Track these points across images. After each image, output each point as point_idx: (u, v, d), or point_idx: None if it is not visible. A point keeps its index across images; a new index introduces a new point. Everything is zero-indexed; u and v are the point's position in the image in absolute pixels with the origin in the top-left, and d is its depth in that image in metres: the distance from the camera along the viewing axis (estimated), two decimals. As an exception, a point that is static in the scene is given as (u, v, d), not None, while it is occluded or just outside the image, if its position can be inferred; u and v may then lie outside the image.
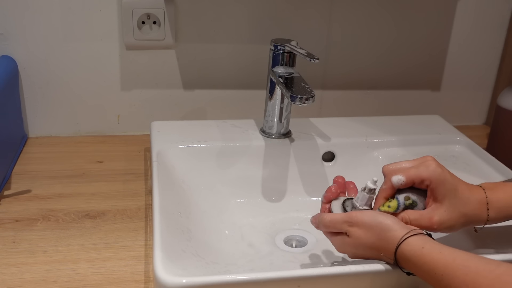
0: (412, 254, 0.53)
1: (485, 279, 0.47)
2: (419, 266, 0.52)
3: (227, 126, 0.90)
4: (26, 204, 0.80)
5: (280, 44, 0.82)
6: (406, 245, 0.54)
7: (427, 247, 0.52)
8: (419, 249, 0.52)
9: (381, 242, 0.56)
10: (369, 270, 0.57)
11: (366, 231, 0.57)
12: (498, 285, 0.46)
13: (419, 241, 0.53)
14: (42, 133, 1.01)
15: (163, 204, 0.69)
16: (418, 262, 0.52)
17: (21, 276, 0.65)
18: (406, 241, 0.54)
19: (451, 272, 0.49)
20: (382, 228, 0.56)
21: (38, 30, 0.92)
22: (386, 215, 0.58)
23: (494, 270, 0.48)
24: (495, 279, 0.47)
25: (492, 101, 1.15)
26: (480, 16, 1.07)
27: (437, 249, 0.52)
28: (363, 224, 0.58)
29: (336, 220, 0.60)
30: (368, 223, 0.57)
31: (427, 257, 0.51)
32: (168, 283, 0.53)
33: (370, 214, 0.58)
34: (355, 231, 0.58)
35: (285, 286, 0.56)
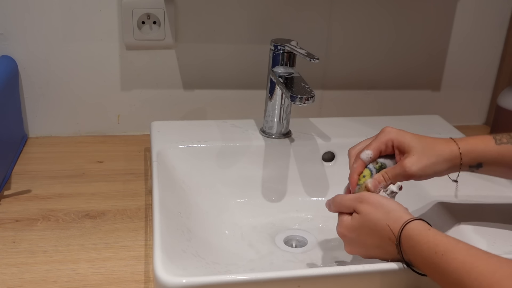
0: (417, 233, 0.54)
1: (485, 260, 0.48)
2: (422, 244, 0.53)
3: (227, 126, 0.90)
4: (26, 204, 0.80)
5: (280, 44, 0.82)
6: (412, 224, 0.55)
7: (433, 230, 0.54)
8: (425, 230, 0.54)
9: (388, 220, 0.57)
10: (369, 270, 0.57)
11: (375, 208, 0.59)
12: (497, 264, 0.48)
13: (426, 224, 0.55)
14: (42, 133, 1.01)
15: (163, 204, 0.69)
16: (421, 241, 0.53)
17: (21, 276, 0.65)
18: (413, 222, 0.55)
19: (452, 251, 0.50)
20: (392, 209, 0.58)
21: (38, 30, 0.92)
22: (395, 202, 0.60)
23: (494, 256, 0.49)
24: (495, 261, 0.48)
25: (492, 101, 1.15)
26: (480, 16, 1.07)
27: (442, 233, 0.53)
28: (373, 202, 0.60)
29: (347, 197, 0.63)
30: (378, 201, 0.60)
31: (431, 237, 0.53)
32: (168, 283, 0.53)
33: (380, 196, 0.61)
34: (364, 207, 0.60)
35: (285, 286, 0.56)
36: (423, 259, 0.53)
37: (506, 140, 0.64)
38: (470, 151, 0.64)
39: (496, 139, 0.64)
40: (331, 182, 0.86)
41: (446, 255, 0.50)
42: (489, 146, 0.64)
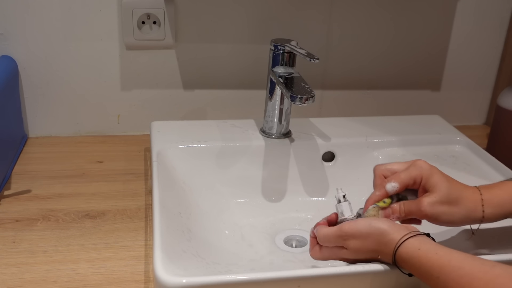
0: (410, 256, 0.53)
1: (479, 281, 0.47)
2: (417, 267, 0.52)
3: (227, 126, 0.90)
4: (26, 204, 0.80)
5: (280, 44, 0.82)
6: (403, 247, 0.54)
7: (423, 249, 0.52)
8: (415, 251, 0.53)
9: (380, 247, 0.56)
10: (369, 270, 0.57)
11: (364, 240, 0.57)
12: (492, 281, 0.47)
13: (416, 242, 0.53)
14: (42, 133, 1.01)
15: (163, 204, 0.68)
16: (415, 264, 0.53)
17: (21, 276, 0.65)
18: (404, 243, 0.54)
19: (446, 274, 0.49)
20: (380, 234, 0.56)
21: (38, 30, 0.92)
22: (381, 220, 0.58)
23: (489, 271, 0.48)
24: (490, 282, 0.47)
25: (492, 101, 1.15)
26: (480, 16, 1.07)
27: (433, 250, 0.52)
28: (359, 235, 0.57)
29: (330, 235, 0.60)
30: (365, 232, 0.57)
31: (423, 259, 0.52)
32: (168, 283, 0.53)
33: (363, 222, 0.58)
34: (352, 243, 0.58)
35: (285, 286, 0.56)
36: (422, 277, 0.53)
37: None
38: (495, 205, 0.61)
39: None
40: (331, 182, 0.86)
41: (440, 277, 0.50)
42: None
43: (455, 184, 0.62)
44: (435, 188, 0.61)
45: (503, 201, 0.61)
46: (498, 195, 0.62)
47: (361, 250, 0.57)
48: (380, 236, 0.56)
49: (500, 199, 0.61)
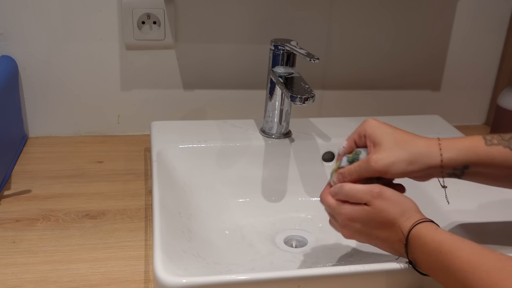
0: (425, 233, 0.53)
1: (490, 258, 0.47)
2: (428, 243, 0.52)
3: (227, 126, 0.90)
4: (26, 204, 0.80)
5: (280, 44, 0.82)
6: (422, 224, 0.54)
7: (440, 229, 0.53)
8: (432, 230, 0.53)
9: (401, 218, 0.56)
10: (369, 270, 0.57)
11: (391, 204, 0.57)
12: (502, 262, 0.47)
13: (434, 225, 0.55)
14: (42, 133, 1.01)
15: (163, 204, 0.69)
16: (428, 240, 0.53)
17: (21, 276, 0.65)
18: (423, 223, 0.54)
19: (457, 250, 0.50)
20: (406, 207, 0.56)
21: (38, 30, 0.92)
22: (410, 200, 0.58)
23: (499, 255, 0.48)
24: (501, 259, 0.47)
25: (492, 101, 1.15)
26: (480, 16, 1.07)
27: (448, 233, 0.53)
28: (390, 198, 0.57)
29: (360, 189, 0.59)
30: (396, 199, 0.57)
31: (437, 236, 0.52)
32: (168, 283, 0.53)
33: (395, 192, 0.58)
34: (379, 203, 0.57)
35: (285, 286, 0.56)
36: (428, 257, 0.52)
37: (497, 141, 0.59)
38: (454, 149, 0.59)
39: (486, 140, 0.59)
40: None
41: (451, 253, 0.50)
42: (477, 146, 0.59)
43: (403, 133, 0.61)
44: (380, 140, 0.60)
45: (464, 147, 0.59)
46: (459, 141, 0.60)
47: (383, 214, 0.57)
48: (406, 210, 0.56)
49: (461, 145, 0.59)
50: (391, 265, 0.57)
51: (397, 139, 0.60)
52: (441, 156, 0.59)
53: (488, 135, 0.61)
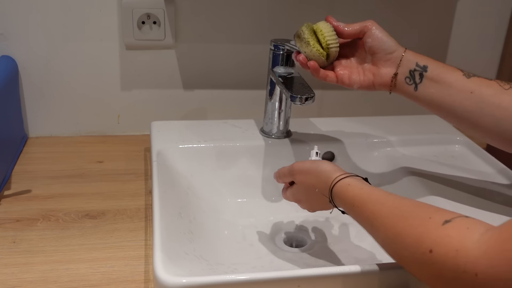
0: (340, 191, 0.59)
1: (386, 208, 0.53)
2: (343, 199, 0.59)
3: (227, 126, 0.90)
4: (26, 204, 0.80)
5: (280, 44, 0.82)
6: (338, 184, 0.60)
7: (352, 184, 0.59)
8: (345, 186, 0.59)
9: (319, 183, 0.63)
10: (368, 270, 0.57)
11: (306, 175, 0.65)
12: (396, 212, 0.52)
13: (348, 180, 0.60)
14: (42, 133, 1.01)
15: (163, 204, 0.69)
16: (343, 197, 0.59)
17: (21, 276, 0.65)
18: (340, 181, 0.60)
19: (365, 203, 0.56)
20: (320, 171, 0.63)
21: (38, 30, 0.92)
22: (325, 163, 0.65)
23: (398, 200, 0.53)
24: (395, 208, 0.52)
25: (492, 101, 1.15)
26: (480, 16, 1.07)
27: (359, 186, 0.58)
28: (304, 171, 0.65)
29: (283, 172, 0.69)
30: (308, 168, 0.65)
31: (350, 192, 0.58)
32: (168, 283, 0.53)
33: (309, 162, 0.66)
34: (298, 177, 0.66)
35: (285, 286, 0.56)
36: (348, 211, 0.59)
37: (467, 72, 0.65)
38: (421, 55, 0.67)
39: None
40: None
41: (360, 207, 0.56)
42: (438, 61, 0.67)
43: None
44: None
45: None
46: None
47: (305, 185, 0.65)
48: (320, 174, 0.63)
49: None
50: (390, 266, 0.57)
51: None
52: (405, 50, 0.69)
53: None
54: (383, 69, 0.68)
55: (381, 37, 0.68)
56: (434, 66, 0.66)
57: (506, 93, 0.62)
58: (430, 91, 0.66)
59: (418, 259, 0.47)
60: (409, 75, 0.66)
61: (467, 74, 0.65)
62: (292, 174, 0.67)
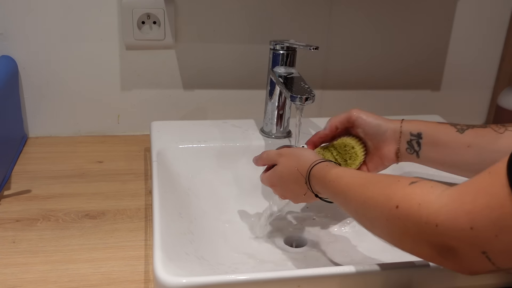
0: (319, 169, 0.63)
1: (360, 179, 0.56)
2: (321, 177, 0.62)
3: (227, 126, 0.90)
4: (26, 204, 0.80)
5: (279, 42, 0.82)
6: (318, 165, 0.64)
7: (330, 165, 0.63)
8: (324, 165, 0.63)
9: (300, 164, 0.66)
10: (368, 270, 0.57)
11: (289, 158, 0.68)
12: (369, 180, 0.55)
13: (325, 163, 0.64)
14: (42, 133, 1.01)
15: (163, 204, 0.69)
16: (321, 175, 0.62)
17: (21, 276, 0.65)
18: (320, 163, 0.64)
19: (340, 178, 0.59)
20: (301, 156, 0.67)
21: (38, 30, 0.92)
22: (307, 150, 0.70)
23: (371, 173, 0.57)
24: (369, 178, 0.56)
25: (492, 101, 1.15)
26: (480, 16, 1.07)
27: (333, 166, 0.62)
28: (288, 154, 0.69)
29: (271, 154, 0.72)
30: (292, 152, 0.69)
31: (327, 171, 0.61)
32: (168, 283, 0.53)
33: (296, 148, 0.71)
34: (282, 160, 0.69)
35: (285, 286, 0.56)
36: (323, 189, 0.62)
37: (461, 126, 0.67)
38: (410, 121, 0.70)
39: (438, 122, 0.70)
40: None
41: (335, 181, 0.59)
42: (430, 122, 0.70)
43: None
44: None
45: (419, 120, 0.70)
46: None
47: (286, 167, 0.68)
48: (301, 157, 0.67)
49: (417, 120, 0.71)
50: (389, 266, 0.57)
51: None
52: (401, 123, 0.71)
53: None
54: (385, 148, 0.71)
55: (370, 122, 0.72)
56: (428, 130, 0.69)
57: (502, 137, 0.64)
58: (431, 155, 0.68)
59: (386, 216, 0.50)
60: (408, 146, 0.69)
61: (460, 128, 0.67)
62: (280, 155, 0.70)
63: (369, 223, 0.54)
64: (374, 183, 0.54)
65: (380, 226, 0.52)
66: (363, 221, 0.56)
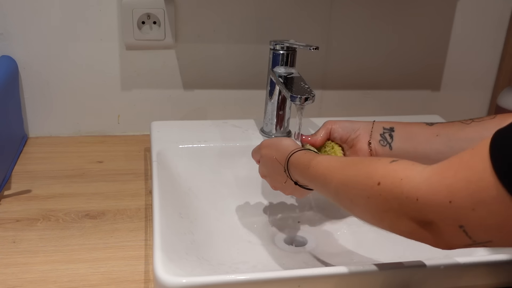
0: (297, 157, 0.64)
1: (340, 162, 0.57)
2: (300, 164, 0.63)
3: (227, 126, 0.90)
4: (26, 204, 0.80)
5: (279, 43, 0.82)
6: (296, 153, 0.65)
7: (309, 152, 0.64)
8: (302, 153, 0.64)
9: (279, 154, 0.67)
10: (368, 270, 0.57)
11: (269, 148, 0.70)
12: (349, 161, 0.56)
13: (303, 151, 0.65)
14: (42, 133, 1.01)
15: (163, 205, 0.69)
16: (300, 163, 0.63)
17: (21, 276, 0.65)
18: (297, 152, 0.65)
19: (318, 163, 0.59)
20: (281, 145, 0.68)
21: (38, 30, 0.92)
22: (287, 139, 0.71)
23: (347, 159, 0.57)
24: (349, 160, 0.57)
25: (492, 101, 1.15)
26: (480, 16, 1.07)
27: (311, 153, 0.63)
28: (268, 145, 0.71)
29: (255, 149, 0.74)
30: (271, 142, 0.71)
31: (306, 158, 0.62)
32: (168, 283, 0.53)
33: (275, 138, 0.72)
34: (263, 152, 0.71)
35: (285, 286, 0.56)
36: (302, 175, 0.62)
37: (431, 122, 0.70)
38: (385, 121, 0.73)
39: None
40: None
41: (314, 167, 0.60)
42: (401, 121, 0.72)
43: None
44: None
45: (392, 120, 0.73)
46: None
47: (268, 157, 0.70)
48: (280, 147, 0.68)
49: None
50: (389, 266, 0.57)
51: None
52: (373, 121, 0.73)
53: None
54: (358, 144, 0.73)
55: (344, 126, 0.75)
56: (400, 125, 0.72)
57: (468, 126, 0.67)
58: (402, 146, 0.71)
59: (367, 193, 0.50)
60: (382, 138, 0.72)
61: (429, 123, 0.70)
62: (260, 148, 0.72)
63: (349, 202, 0.54)
64: (355, 163, 0.55)
65: (361, 204, 0.52)
66: (343, 201, 0.56)
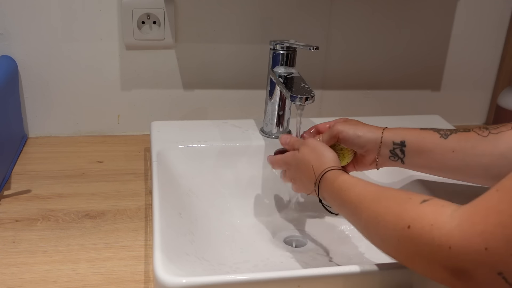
0: (332, 174, 0.63)
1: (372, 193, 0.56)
2: (333, 183, 0.62)
3: (227, 126, 0.90)
4: (26, 204, 0.80)
5: (279, 43, 0.82)
6: (333, 171, 0.64)
7: (344, 175, 0.62)
8: (339, 174, 0.63)
9: (316, 163, 0.66)
10: (368, 270, 0.57)
11: (311, 150, 0.68)
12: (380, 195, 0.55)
13: (340, 171, 0.64)
14: (42, 133, 1.01)
15: (163, 205, 0.69)
16: (334, 181, 0.62)
17: (21, 276, 0.65)
18: (333, 170, 0.64)
19: (353, 187, 0.59)
20: (323, 155, 0.67)
21: (38, 30, 0.92)
22: (330, 150, 0.68)
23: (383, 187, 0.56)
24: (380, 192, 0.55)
25: (492, 101, 1.15)
26: (480, 16, 1.07)
27: (348, 176, 0.62)
28: (312, 147, 0.69)
29: (296, 139, 0.74)
30: (316, 146, 0.69)
31: (341, 178, 0.61)
32: (168, 283, 0.53)
33: (321, 144, 0.70)
34: (304, 148, 0.69)
35: (285, 286, 0.56)
36: (333, 195, 0.62)
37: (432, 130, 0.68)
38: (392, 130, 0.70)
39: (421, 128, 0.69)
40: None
41: (348, 190, 0.59)
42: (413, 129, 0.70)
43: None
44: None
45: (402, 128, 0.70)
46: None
47: (305, 157, 0.68)
48: (322, 156, 0.66)
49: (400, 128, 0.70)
50: (389, 266, 0.57)
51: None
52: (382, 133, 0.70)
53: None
54: (367, 158, 0.73)
55: (351, 140, 0.72)
56: (411, 137, 0.69)
57: (485, 140, 0.64)
58: (416, 161, 0.69)
59: (397, 236, 0.49)
60: (392, 154, 0.70)
61: (444, 134, 0.67)
62: (303, 143, 0.70)
63: (379, 240, 0.54)
64: (386, 198, 0.53)
65: (391, 245, 0.51)
66: (372, 238, 0.55)
